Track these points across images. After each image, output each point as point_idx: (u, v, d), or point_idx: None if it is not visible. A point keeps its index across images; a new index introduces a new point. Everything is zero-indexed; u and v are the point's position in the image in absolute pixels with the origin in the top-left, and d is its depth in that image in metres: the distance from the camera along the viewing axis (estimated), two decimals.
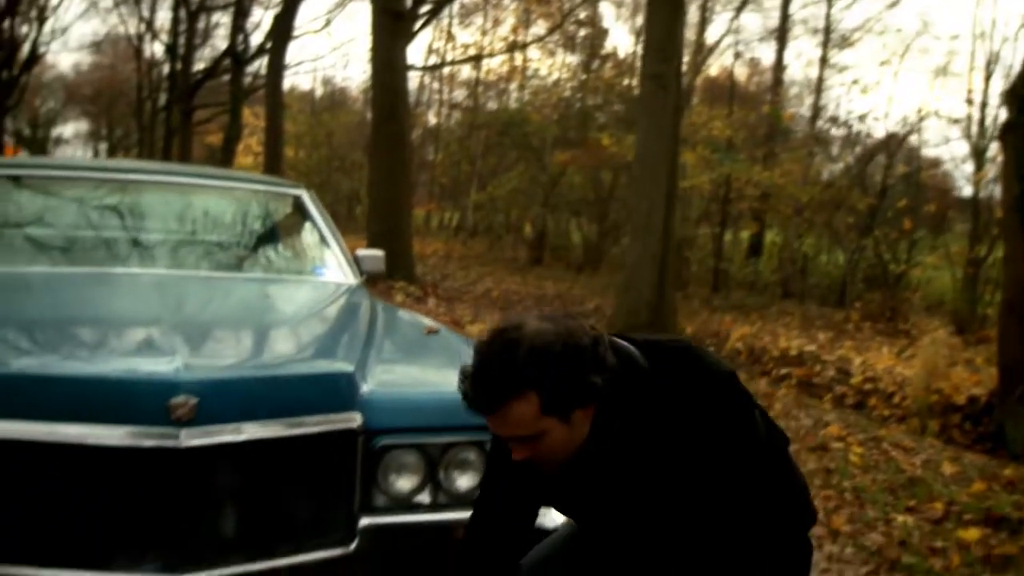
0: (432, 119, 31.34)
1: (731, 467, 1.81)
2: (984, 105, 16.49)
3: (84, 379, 2.33)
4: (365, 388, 2.59)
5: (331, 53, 38.92)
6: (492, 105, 28.03)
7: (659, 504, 1.84)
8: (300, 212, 4.34)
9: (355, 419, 2.51)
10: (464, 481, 2.64)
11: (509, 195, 23.66)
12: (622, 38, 54.94)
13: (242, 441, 2.35)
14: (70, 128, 47.79)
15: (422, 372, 3.01)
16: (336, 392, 2.53)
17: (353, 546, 2.50)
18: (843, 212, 16.53)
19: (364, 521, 2.52)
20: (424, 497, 2.62)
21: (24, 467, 2.24)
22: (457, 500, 2.62)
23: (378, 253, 4.35)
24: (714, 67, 25.82)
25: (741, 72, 27.67)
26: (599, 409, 1.80)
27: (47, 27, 26.45)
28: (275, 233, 4.37)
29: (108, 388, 2.30)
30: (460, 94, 30.30)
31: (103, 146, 44.82)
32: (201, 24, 28.00)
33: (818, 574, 3.96)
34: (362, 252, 4.30)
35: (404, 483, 2.60)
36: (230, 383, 2.41)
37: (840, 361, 10.49)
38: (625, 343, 1.88)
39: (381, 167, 14.92)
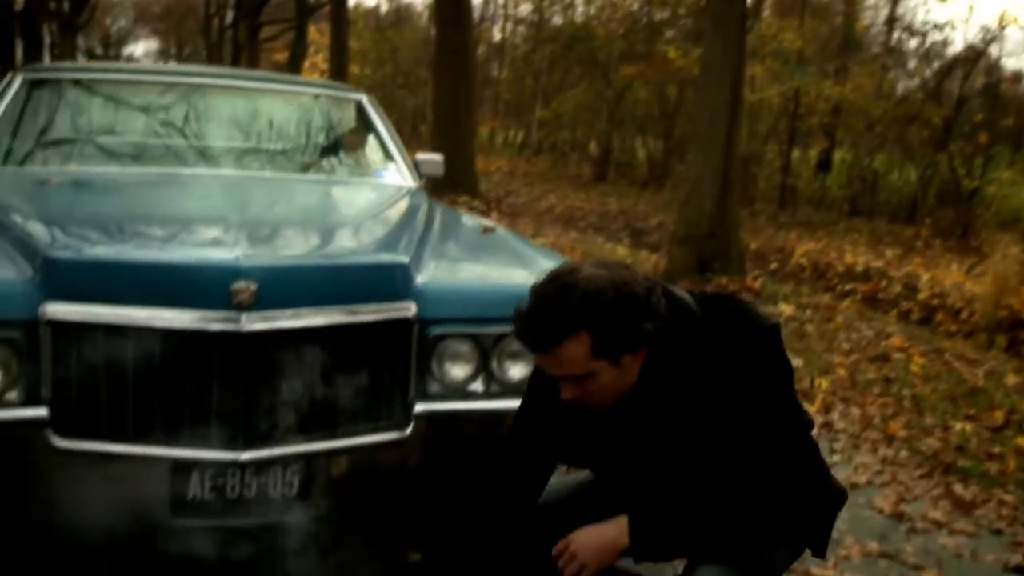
0: (497, 35, 31.02)
1: (769, 418, 1.84)
2: None
3: (152, 265, 2.43)
4: (420, 279, 2.65)
5: None
6: (557, 20, 27.60)
7: (693, 451, 1.87)
8: (361, 116, 4.40)
9: (410, 309, 2.57)
10: (516, 371, 2.70)
11: (574, 111, 23.42)
12: None
13: (300, 327, 2.43)
14: (140, 47, 48.31)
15: (476, 266, 3.07)
16: (391, 282, 2.59)
17: (408, 430, 2.58)
18: (917, 126, 16.09)
19: (419, 407, 2.60)
20: (477, 386, 2.69)
21: (95, 348, 2.35)
22: (509, 389, 2.68)
23: (437, 157, 4.40)
24: None
25: None
26: (650, 355, 1.84)
27: None
28: (336, 136, 4.43)
29: (175, 273, 2.40)
30: (525, 9, 29.89)
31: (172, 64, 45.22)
32: None
33: (871, 476, 4.00)
34: (421, 156, 4.36)
35: (457, 371, 2.67)
36: (289, 270, 2.50)
37: (907, 277, 10.34)
38: (681, 292, 1.92)
39: (445, 82, 14.86)
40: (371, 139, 4.32)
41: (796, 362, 5.60)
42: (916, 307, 8.78)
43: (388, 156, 4.22)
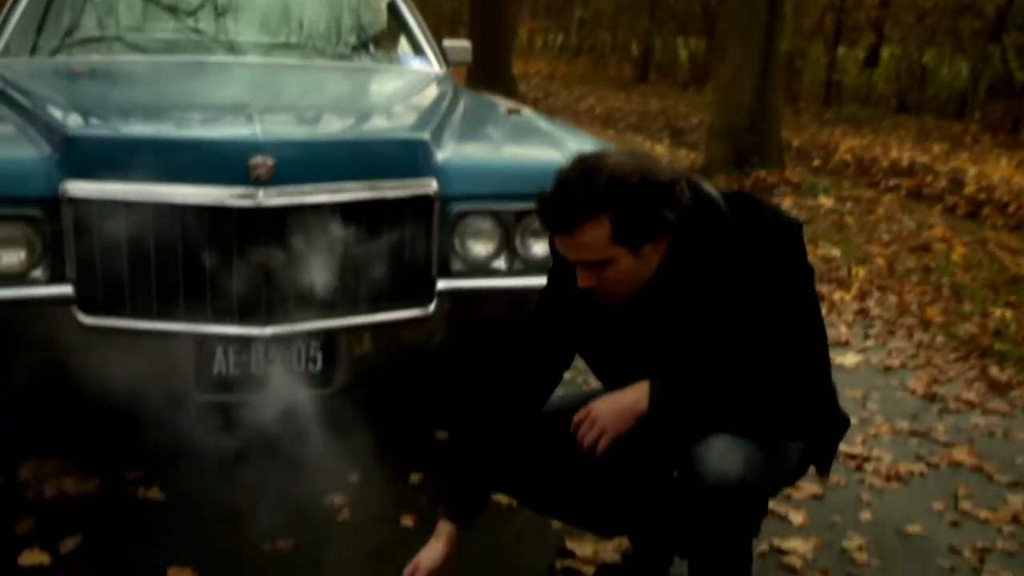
0: None
1: (788, 311, 1.82)
2: None
3: (171, 141, 2.44)
4: (441, 156, 2.62)
5: None
6: None
7: (708, 345, 1.85)
8: (387, 2, 4.32)
9: (430, 185, 2.55)
10: (539, 248, 2.67)
11: (614, 11, 22.92)
12: None
13: (319, 202, 2.42)
14: None
15: (499, 144, 3.04)
16: (412, 158, 2.57)
17: (431, 307, 2.58)
18: (969, 17, 15.53)
19: (441, 284, 2.60)
20: (500, 263, 2.67)
21: (116, 226, 2.35)
22: (532, 266, 2.66)
23: (464, 43, 4.33)
24: None
25: None
26: (670, 249, 1.82)
27: None
28: (363, 23, 4.34)
29: (193, 149, 2.40)
30: None
31: None
32: None
33: (904, 359, 3.96)
34: (448, 43, 4.29)
35: (480, 249, 2.65)
36: (307, 145, 2.49)
37: (954, 172, 10.10)
38: (709, 187, 1.90)
39: None
40: (397, 25, 4.25)
41: (834, 252, 5.53)
42: (962, 201, 8.59)
43: (414, 42, 4.15)
